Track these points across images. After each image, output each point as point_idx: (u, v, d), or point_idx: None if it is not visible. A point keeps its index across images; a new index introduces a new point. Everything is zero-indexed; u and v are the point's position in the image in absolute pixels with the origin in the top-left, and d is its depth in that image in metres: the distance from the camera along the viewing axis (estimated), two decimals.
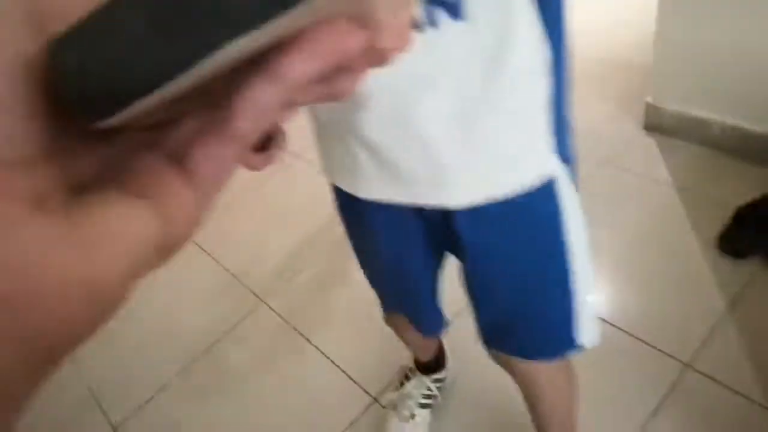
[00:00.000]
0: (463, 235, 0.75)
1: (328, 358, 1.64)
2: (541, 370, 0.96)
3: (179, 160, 0.20)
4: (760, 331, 1.40)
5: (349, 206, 0.84)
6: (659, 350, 1.42)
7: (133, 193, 0.19)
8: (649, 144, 1.99)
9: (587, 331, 0.85)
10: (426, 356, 1.39)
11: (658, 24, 1.82)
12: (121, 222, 0.18)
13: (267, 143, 0.39)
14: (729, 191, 1.71)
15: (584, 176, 1.90)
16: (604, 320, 1.52)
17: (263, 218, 2.18)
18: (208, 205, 0.21)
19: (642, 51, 2.08)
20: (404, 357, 1.44)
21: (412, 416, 1.39)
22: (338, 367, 1.61)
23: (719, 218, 1.63)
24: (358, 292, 1.21)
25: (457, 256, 0.84)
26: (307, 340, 1.70)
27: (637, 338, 1.46)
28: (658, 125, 1.99)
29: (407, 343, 1.31)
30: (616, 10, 2.70)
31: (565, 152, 0.74)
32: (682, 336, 1.43)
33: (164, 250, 0.20)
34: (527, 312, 0.84)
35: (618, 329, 1.49)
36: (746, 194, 1.63)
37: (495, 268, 0.79)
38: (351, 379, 1.58)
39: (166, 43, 0.15)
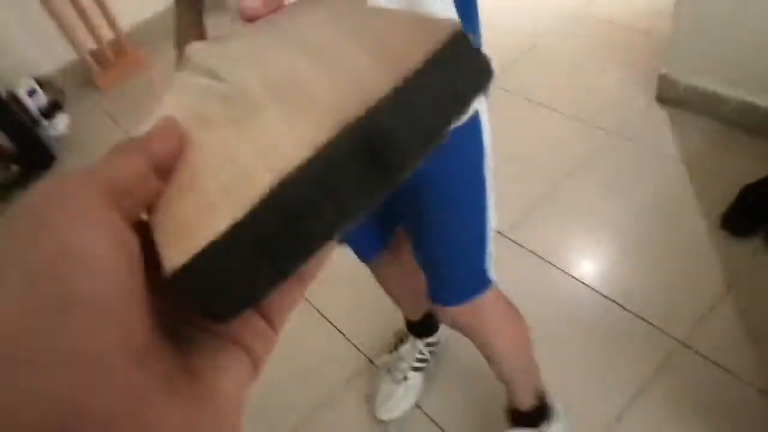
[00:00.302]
0: None
1: (325, 317, 1.65)
2: (486, 322, 1.03)
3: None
4: (757, 312, 1.39)
5: None
6: (654, 326, 1.42)
7: (227, 338, 0.22)
8: (661, 116, 1.95)
9: (492, 265, 0.93)
10: (413, 315, 1.40)
11: None
12: (232, 382, 0.21)
13: None
14: (738, 169, 1.68)
15: (593, 144, 1.89)
16: (601, 294, 1.52)
17: None
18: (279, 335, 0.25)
19: (661, 20, 2.02)
20: (400, 320, 1.45)
21: (405, 379, 1.41)
22: (335, 327, 1.62)
23: (726, 195, 1.61)
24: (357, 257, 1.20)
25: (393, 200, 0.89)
26: (306, 299, 1.71)
27: (633, 312, 1.46)
28: (671, 97, 1.94)
29: (389, 293, 1.32)
30: None
31: None
32: (679, 312, 1.43)
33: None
34: (452, 246, 0.90)
35: (615, 303, 1.49)
36: (756, 172, 1.60)
37: (427, 200, 0.84)
38: (347, 339, 1.59)
39: (270, 268, 0.19)
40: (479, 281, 0.96)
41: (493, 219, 0.90)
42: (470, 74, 0.22)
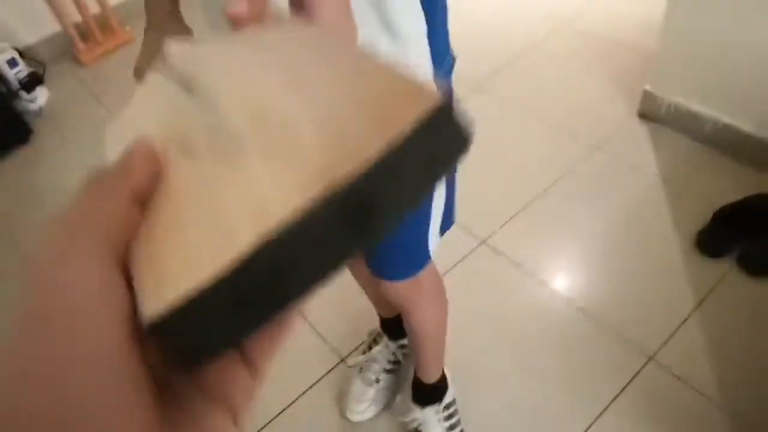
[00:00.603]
0: None
1: (299, 312, 1.65)
2: (423, 295, 1.10)
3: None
4: (724, 332, 1.43)
5: None
6: (624, 339, 1.45)
7: (209, 392, 0.23)
8: (642, 132, 1.98)
9: (434, 239, 0.97)
10: (387, 312, 1.41)
11: (667, 11, 1.77)
12: None
13: None
14: (714, 189, 1.71)
15: (574, 155, 1.91)
16: (575, 304, 1.54)
17: None
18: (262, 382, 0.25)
19: (648, 36, 2.04)
20: (375, 321, 1.45)
21: (377, 381, 1.42)
22: (309, 323, 1.62)
23: (701, 215, 1.64)
24: None
25: None
26: None
27: (604, 325, 1.49)
28: (653, 114, 1.97)
29: (363, 287, 1.33)
30: None
31: (444, 80, 0.81)
32: (649, 328, 1.46)
33: None
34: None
35: (587, 314, 1.52)
36: (731, 194, 1.64)
37: None
38: (320, 337, 1.59)
39: (249, 323, 0.20)
40: (421, 258, 1.00)
41: (440, 200, 0.93)
42: (453, 144, 0.22)
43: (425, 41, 0.73)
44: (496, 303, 1.59)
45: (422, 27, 0.71)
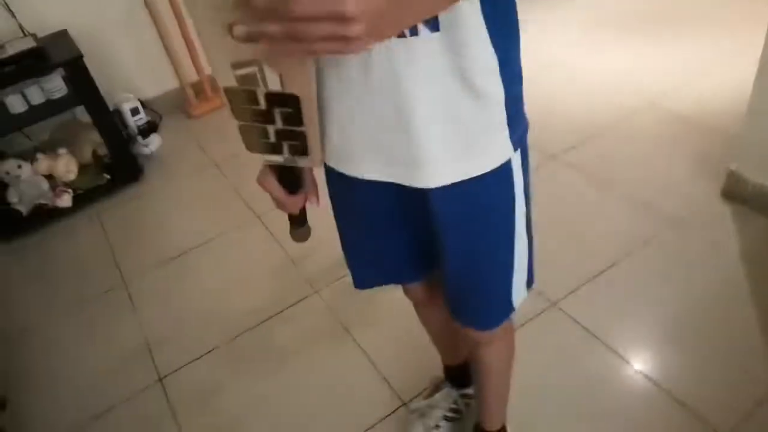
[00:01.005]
0: (434, 207, 0.87)
1: (366, 354, 1.70)
2: (498, 345, 1.14)
3: None
4: None
5: (336, 181, 0.96)
6: (698, 418, 1.40)
7: None
8: (724, 211, 1.95)
9: (519, 293, 0.99)
10: (451, 359, 1.43)
11: (754, 92, 1.79)
12: None
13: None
14: None
15: (654, 228, 1.91)
16: (645, 376, 1.51)
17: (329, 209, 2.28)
18: None
19: (734, 117, 2.04)
20: (439, 367, 1.48)
21: (437, 427, 1.43)
22: (374, 365, 1.67)
23: None
24: (406, 299, 1.26)
25: (429, 228, 0.93)
26: (350, 333, 1.77)
27: (676, 401, 1.44)
28: (737, 194, 1.95)
29: (430, 334, 1.36)
30: (717, 71, 2.66)
31: (519, 141, 0.85)
32: (724, 406, 1.40)
33: None
34: (479, 276, 0.96)
35: (658, 387, 1.48)
36: None
37: (459, 235, 0.91)
38: (384, 378, 1.63)
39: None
40: (504, 310, 1.01)
41: (524, 253, 0.95)
42: None
43: (503, 105, 0.79)
44: (563, 368, 1.58)
45: (501, 92, 0.78)
